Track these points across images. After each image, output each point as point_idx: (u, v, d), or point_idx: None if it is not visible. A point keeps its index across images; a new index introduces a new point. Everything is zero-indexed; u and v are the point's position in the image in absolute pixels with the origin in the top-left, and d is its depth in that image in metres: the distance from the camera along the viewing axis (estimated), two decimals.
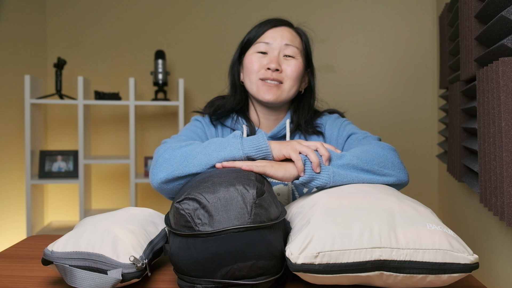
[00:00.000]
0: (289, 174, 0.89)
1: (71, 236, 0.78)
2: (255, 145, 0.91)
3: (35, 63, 2.70)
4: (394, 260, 0.69)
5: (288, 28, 1.17)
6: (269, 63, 1.12)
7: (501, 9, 1.11)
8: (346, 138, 1.15)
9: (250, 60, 1.15)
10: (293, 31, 1.18)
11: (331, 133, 1.19)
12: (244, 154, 0.90)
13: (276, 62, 1.12)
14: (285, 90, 1.14)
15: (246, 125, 1.18)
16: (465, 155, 1.62)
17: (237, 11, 2.76)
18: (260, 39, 1.16)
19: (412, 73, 2.70)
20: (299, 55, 1.16)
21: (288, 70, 1.13)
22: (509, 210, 1.00)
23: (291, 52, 1.14)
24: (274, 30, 1.16)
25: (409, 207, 0.77)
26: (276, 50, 1.14)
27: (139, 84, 2.78)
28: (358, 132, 1.15)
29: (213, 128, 1.20)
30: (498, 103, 1.02)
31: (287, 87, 1.14)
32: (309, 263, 0.68)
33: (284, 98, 1.15)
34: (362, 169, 0.92)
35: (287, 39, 1.15)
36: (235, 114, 1.20)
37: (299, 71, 1.15)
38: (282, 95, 1.14)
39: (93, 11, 2.81)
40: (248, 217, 0.70)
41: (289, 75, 1.13)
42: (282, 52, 1.14)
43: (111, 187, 2.83)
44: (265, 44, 1.15)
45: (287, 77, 1.14)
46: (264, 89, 1.13)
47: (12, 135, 2.47)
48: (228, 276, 0.70)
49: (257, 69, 1.14)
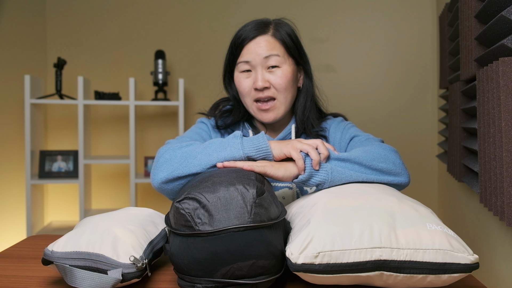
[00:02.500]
0: (289, 174, 0.90)
1: (71, 236, 0.78)
2: (255, 145, 0.91)
3: (35, 63, 2.70)
4: (394, 260, 0.69)
5: (264, 37, 1.10)
6: (255, 83, 1.09)
7: (501, 9, 1.11)
8: (349, 140, 1.15)
9: (238, 82, 1.13)
10: (270, 37, 1.11)
11: (335, 136, 1.18)
12: (244, 154, 0.90)
13: (262, 80, 1.09)
14: (281, 105, 1.12)
15: (253, 130, 1.18)
16: (465, 155, 1.62)
17: (238, 11, 2.76)
18: (240, 58, 1.11)
19: (412, 73, 2.70)
20: (284, 60, 1.11)
21: (276, 83, 1.10)
22: (509, 210, 1.00)
23: (274, 62, 1.09)
24: (250, 45, 1.10)
25: (409, 207, 0.77)
26: (259, 66, 1.09)
27: (139, 84, 2.78)
28: (361, 134, 1.14)
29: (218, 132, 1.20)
30: (498, 103, 1.02)
31: (281, 100, 1.11)
32: (309, 263, 0.68)
33: (283, 112, 1.13)
34: (361, 166, 0.92)
35: (266, 50, 1.09)
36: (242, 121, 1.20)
37: (288, 79, 1.11)
38: (279, 111, 1.12)
39: (93, 11, 2.81)
40: (248, 217, 0.70)
41: (278, 88, 1.10)
42: (265, 65, 1.10)
43: (111, 187, 2.83)
44: (246, 63, 1.10)
45: (277, 90, 1.10)
46: (261, 113, 1.12)
47: (12, 135, 2.47)
48: (228, 276, 0.70)
49: (248, 91, 1.11)
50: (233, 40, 1.15)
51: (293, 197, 1.12)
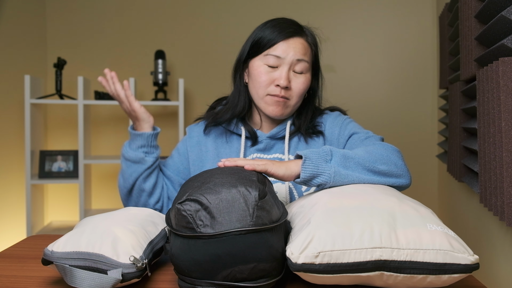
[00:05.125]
0: (290, 172, 0.89)
1: (71, 236, 0.78)
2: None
3: (35, 63, 2.70)
4: (395, 260, 0.69)
5: (300, 40, 1.11)
6: (278, 80, 1.08)
7: (501, 9, 1.11)
8: (347, 137, 1.13)
9: (258, 72, 1.10)
10: (305, 42, 1.12)
11: (332, 132, 1.17)
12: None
13: (287, 80, 1.08)
14: (290, 105, 1.12)
15: (245, 128, 1.17)
16: (465, 155, 1.62)
17: (238, 11, 2.76)
18: (271, 50, 1.09)
19: (412, 73, 2.70)
20: (308, 68, 1.12)
21: (296, 87, 1.10)
22: (509, 210, 1.00)
23: (302, 69, 1.10)
24: (286, 42, 1.09)
25: (409, 207, 0.77)
26: (287, 66, 1.09)
27: (139, 84, 2.78)
28: (361, 131, 1.13)
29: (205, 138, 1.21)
30: (498, 103, 1.02)
31: (293, 103, 1.12)
32: (309, 263, 0.68)
33: (289, 112, 1.14)
34: (364, 169, 0.91)
35: (300, 54, 1.09)
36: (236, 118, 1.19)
37: (306, 87, 1.12)
38: (287, 110, 1.13)
39: (93, 11, 2.81)
40: (250, 220, 0.70)
41: (296, 92, 1.11)
42: (292, 67, 1.10)
43: (111, 187, 2.83)
44: (276, 58, 1.09)
45: (294, 93, 1.11)
46: (272, 105, 1.11)
47: (12, 135, 2.47)
48: (229, 278, 0.69)
49: (266, 84, 1.10)
50: (265, 30, 1.11)
51: (286, 192, 1.12)
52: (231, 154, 1.17)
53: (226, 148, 1.19)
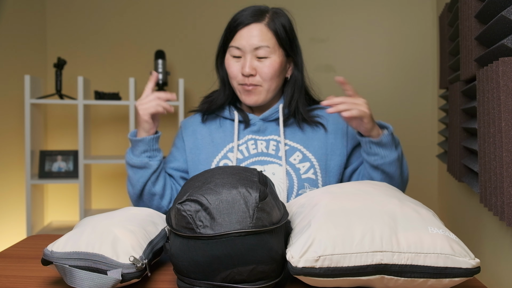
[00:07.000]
0: (376, 132, 1.13)
1: (71, 236, 0.77)
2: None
3: (35, 63, 2.70)
4: (395, 264, 0.68)
5: (257, 25, 1.12)
6: (242, 69, 1.12)
7: (501, 9, 1.11)
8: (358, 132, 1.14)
9: (227, 64, 1.16)
10: (264, 26, 1.12)
11: (337, 125, 1.20)
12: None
13: (249, 68, 1.11)
14: (263, 91, 1.14)
15: (238, 113, 1.20)
16: (465, 155, 1.62)
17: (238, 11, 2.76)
18: (232, 42, 1.14)
19: (412, 73, 2.70)
20: (273, 51, 1.12)
21: (263, 72, 1.12)
22: (509, 210, 1.00)
23: (263, 53, 1.11)
24: (243, 31, 1.12)
25: (411, 209, 0.77)
26: (248, 54, 1.12)
27: (139, 84, 2.78)
28: None
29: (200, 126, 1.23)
30: (498, 103, 1.02)
31: (265, 88, 1.14)
32: (309, 267, 0.68)
33: (264, 98, 1.15)
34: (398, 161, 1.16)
35: (257, 40, 1.11)
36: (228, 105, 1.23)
37: (275, 70, 1.12)
38: (261, 97, 1.15)
39: (93, 11, 2.81)
40: (250, 221, 0.70)
41: (264, 77, 1.12)
42: (254, 54, 1.12)
43: (111, 187, 2.83)
44: (237, 49, 1.13)
45: (263, 79, 1.12)
46: (243, 94, 1.15)
47: (12, 135, 2.47)
48: (228, 280, 0.69)
49: (235, 75, 1.14)
50: (229, 22, 1.18)
51: (283, 174, 1.12)
52: (225, 138, 1.19)
53: (220, 132, 1.21)
